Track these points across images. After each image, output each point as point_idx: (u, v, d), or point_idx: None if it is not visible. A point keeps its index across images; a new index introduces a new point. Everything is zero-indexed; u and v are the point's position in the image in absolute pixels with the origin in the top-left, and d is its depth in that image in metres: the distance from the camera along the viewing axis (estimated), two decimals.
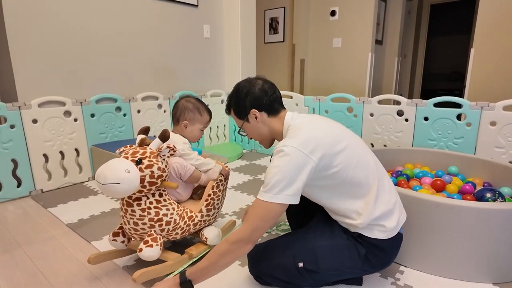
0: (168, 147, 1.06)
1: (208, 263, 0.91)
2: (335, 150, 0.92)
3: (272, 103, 1.06)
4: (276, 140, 1.12)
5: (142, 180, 1.00)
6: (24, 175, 1.87)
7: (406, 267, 1.17)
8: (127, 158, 1.01)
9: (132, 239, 1.18)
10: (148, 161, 1.02)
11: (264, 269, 1.01)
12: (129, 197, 1.05)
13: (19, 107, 1.80)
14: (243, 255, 0.92)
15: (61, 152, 2.02)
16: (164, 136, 1.05)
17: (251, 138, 1.16)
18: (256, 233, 0.89)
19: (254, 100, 1.05)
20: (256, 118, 1.07)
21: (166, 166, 1.08)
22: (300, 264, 0.95)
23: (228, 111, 1.15)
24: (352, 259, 0.96)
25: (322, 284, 1.04)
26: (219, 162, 1.33)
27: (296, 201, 0.89)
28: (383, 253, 0.97)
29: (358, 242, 0.96)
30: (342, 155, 0.92)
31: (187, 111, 1.26)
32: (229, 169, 1.35)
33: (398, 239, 0.99)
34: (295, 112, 1.08)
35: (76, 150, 2.09)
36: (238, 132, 1.15)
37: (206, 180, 1.25)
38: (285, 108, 1.10)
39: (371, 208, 0.93)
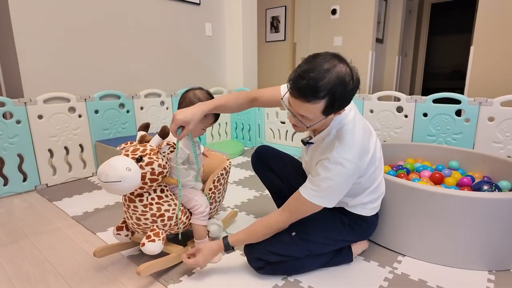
0: (168, 144, 1.05)
1: (247, 237, 1.07)
2: (374, 156, 1.01)
3: None
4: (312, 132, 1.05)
5: (143, 177, 1.01)
6: (30, 169, 1.91)
7: (404, 256, 1.19)
8: (127, 155, 1.01)
9: (136, 232, 1.20)
10: (149, 158, 1.02)
11: (262, 246, 1.05)
12: (131, 193, 1.05)
13: (25, 103, 1.84)
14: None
15: (66, 148, 2.05)
16: (164, 133, 1.04)
17: (301, 130, 0.95)
18: (292, 222, 1.03)
19: (352, 97, 0.87)
20: (335, 115, 0.92)
21: (166, 162, 1.07)
22: (293, 233, 1.05)
23: (315, 98, 0.80)
24: (337, 226, 1.09)
25: (316, 254, 1.10)
26: (222, 154, 1.36)
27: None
28: (363, 222, 1.11)
29: (342, 214, 1.09)
30: (374, 159, 1.01)
31: None
32: (230, 163, 1.37)
33: (376, 216, 1.14)
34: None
35: (81, 145, 2.12)
36: (303, 128, 0.93)
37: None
38: None
39: (365, 196, 1.06)
